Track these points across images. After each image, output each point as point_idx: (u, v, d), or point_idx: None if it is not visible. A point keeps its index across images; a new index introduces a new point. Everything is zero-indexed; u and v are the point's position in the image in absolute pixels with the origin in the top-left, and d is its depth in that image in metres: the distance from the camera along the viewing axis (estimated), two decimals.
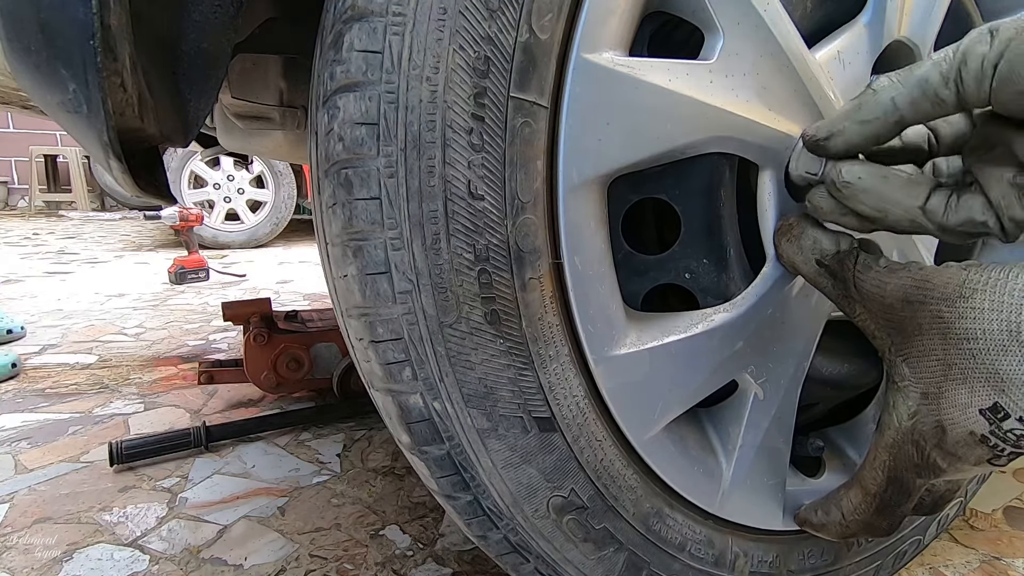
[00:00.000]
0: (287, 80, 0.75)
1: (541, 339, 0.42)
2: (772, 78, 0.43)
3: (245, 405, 1.24)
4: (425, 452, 0.43)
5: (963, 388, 0.34)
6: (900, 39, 0.49)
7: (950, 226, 0.35)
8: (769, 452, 0.51)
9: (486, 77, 0.37)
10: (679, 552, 0.51)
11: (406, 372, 0.41)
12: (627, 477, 0.47)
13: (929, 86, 0.33)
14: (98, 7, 0.34)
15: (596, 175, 0.40)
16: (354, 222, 0.38)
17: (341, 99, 0.37)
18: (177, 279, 2.56)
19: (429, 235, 0.38)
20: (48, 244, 3.74)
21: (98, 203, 6.09)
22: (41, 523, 0.81)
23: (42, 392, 1.29)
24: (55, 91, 0.37)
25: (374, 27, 0.36)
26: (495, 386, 0.41)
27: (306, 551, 0.75)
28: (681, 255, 0.47)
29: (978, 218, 0.33)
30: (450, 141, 0.37)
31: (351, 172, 0.37)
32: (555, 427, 0.43)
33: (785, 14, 0.42)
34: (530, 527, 0.45)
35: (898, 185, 0.36)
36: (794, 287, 0.47)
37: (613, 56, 0.39)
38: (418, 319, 0.39)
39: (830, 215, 0.40)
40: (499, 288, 0.40)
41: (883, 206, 0.37)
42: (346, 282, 0.40)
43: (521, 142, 0.38)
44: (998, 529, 0.83)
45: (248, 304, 1.27)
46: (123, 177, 0.42)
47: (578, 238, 0.41)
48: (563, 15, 0.38)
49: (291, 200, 3.93)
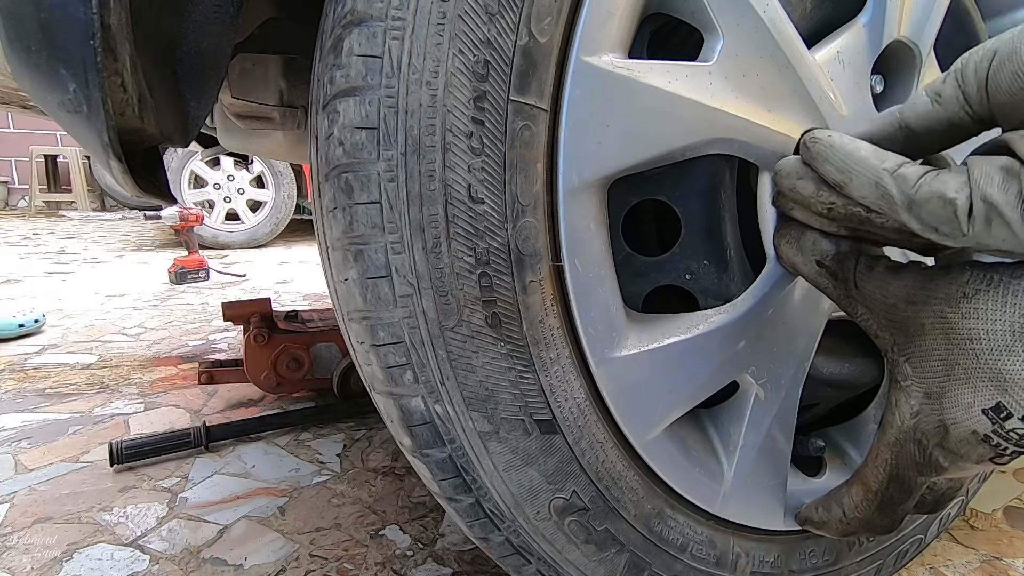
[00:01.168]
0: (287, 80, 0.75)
1: (542, 342, 0.42)
2: (772, 79, 0.43)
3: (245, 405, 1.24)
4: (427, 455, 0.43)
5: (966, 388, 0.34)
6: (900, 39, 0.49)
7: (918, 199, 0.32)
8: (770, 452, 0.51)
9: (486, 81, 0.37)
10: (681, 553, 0.51)
11: (407, 375, 0.41)
12: (628, 479, 0.47)
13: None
14: (98, 7, 0.34)
15: (596, 177, 0.40)
16: (355, 226, 0.38)
17: (341, 103, 0.37)
18: (177, 279, 2.56)
19: (429, 239, 0.38)
20: (48, 244, 3.74)
21: (98, 203, 6.09)
22: (41, 523, 0.81)
23: (42, 392, 1.29)
24: (55, 91, 0.37)
25: (374, 31, 0.36)
26: (496, 389, 0.41)
27: (306, 551, 0.75)
28: (681, 256, 0.47)
29: (949, 194, 0.30)
30: (450, 145, 0.37)
31: (351, 176, 0.37)
32: (556, 429, 0.43)
33: (784, 15, 0.42)
34: (532, 529, 0.45)
35: (869, 149, 0.35)
36: (795, 288, 0.47)
37: (612, 59, 0.39)
38: (419, 323, 0.39)
39: (788, 177, 0.39)
40: (500, 291, 0.40)
41: (848, 166, 0.35)
42: (347, 286, 0.40)
43: (521, 145, 0.38)
44: (998, 529, 0.83)
45: (248, 304, 1.27)
46: (123, 177, 0.42)
47: (578, 240, 0.41)
48: (562, 18, 0.38)
49: (291, 200, 3.93)
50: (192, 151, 3.52)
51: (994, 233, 0.29)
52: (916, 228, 0.32)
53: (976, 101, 0.31)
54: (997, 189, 0.29)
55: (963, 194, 0.30)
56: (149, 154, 0.48)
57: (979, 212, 0.29)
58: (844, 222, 0.38)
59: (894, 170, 0.33)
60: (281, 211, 3.92)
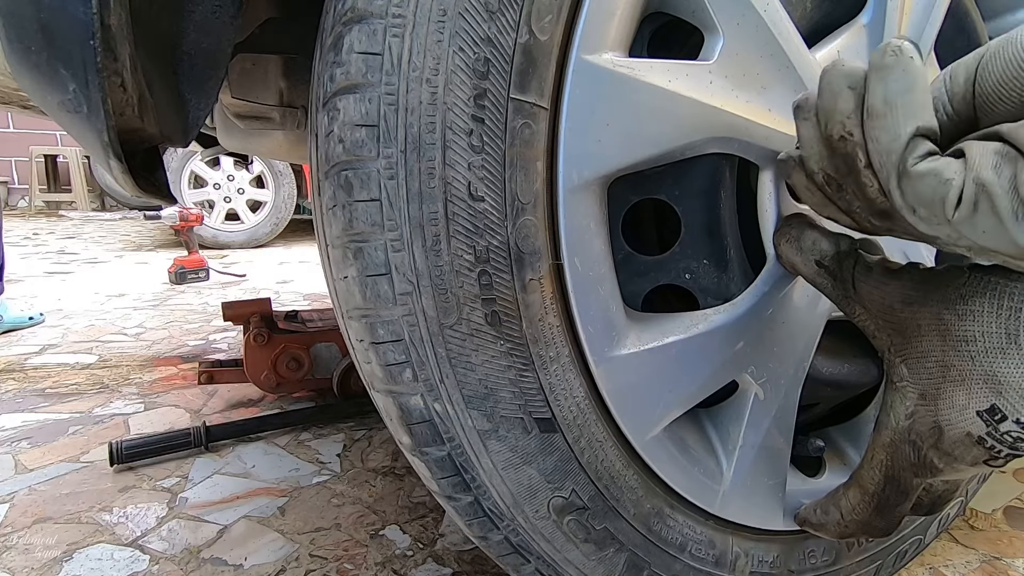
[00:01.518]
0: (287, 80, 0.75)
1: (542, 340, 0.42)
2: (772, 78, 0.43)
3: (245, 405, 1.24)
4: (426, 453, 0.43)
5: (961, 390, 0.34)
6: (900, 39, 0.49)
7: (914, 171, 0.30)
8: (769, 452, 0.51)
9: (486, 79, 0.37)
10: (680, 552, 0.51)
11: (407, 373, 0.41)
12: (628, 478, 0.47)
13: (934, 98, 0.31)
14: (98, 7, 0.34)
15: (596, 176, 0.40)
16: (354, 224, 0.38)
17: (341, 101, 0.37)
18: (177, 279, 2.56)
19: (429, 237, 0.38)
20: (48, 244, 3.74)
21: (98, 203, 6.09)
22: (41, 523, 0.81)
23: (42, 392, 1.29)
24: (55, 91, 0.37)
25: (374, 29, 0.36)
26: (496, 387, 0.41)
27: (306, 551, 0.75)
28: (681, 256, 0.47)
29: (946, 175, 0.29)
30: (450, 143, 0.37)
31: (351, 174, 0.37)
32: (556, 428, 0.43)
33: (785, 14, 0.42)
34: (531, 528, 0.45)
35: (928, 102, 0.31)
36: (794, 288, 0.47)
37: (613, 57, 0.39)
38: (418, 321, 0.39)
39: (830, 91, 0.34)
40: (499, 289, 0.40)
41: (898, 100, 0.30)
42: (346, 284, 0.40)
43: (521, 143, 0.38)
44: (998, 529, 0.83)
45: (248, 304, 1.27)
46: (123, 177, 0.42)
47: (578, 239, 0.41)
48: (563, 16, 0.38)
49: (291, 200, 3.93)
50: (192, 151, 3.52)
51: (978, 222, 0.28)
52: (897, 201, 0.31)
53: (959, 97, 0.31)
54: (991, 171, 0.27)
55: (959, 178, 0.28)
56: (149, 154, 0.48)
57: (968, 196, 0.28)
58: (831, 163, 0.35)
59: (914, 133, 0.30)
60: (281, 211, 3.92)
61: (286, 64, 0.73)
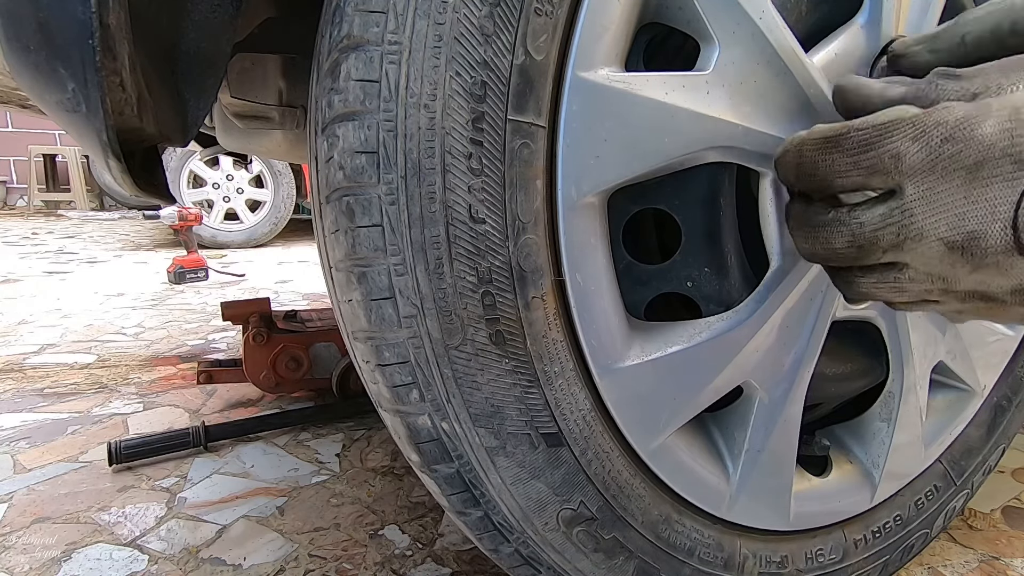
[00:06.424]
0: (287, 79, 0.75)
1: (546, 356, 0.42)
2: (770, 84, 0.42)
3: (244, 405, 1.24)
4: (435, 471, 0.43)
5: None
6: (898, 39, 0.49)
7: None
8: (775, 454, 0.52)
9: (483, 102, 0.37)
10: (689, 557, 0.51)
11: (413, 394, 0.41)
12: (635, 486, 0.47)
13: (1000, 30, 0.35)
14: (97, 6, 0.34)
15: (595, 191, 0.40)
16: (357, 249, 0.38)
17: (340, 128, 0.37)
18: (176, 279, 2.56)
19: (432, 260, 0.38)
20: (47, 243, 3.74)
21: (97, 202, 6.08)
22: (40, 523, 0.81)
23: (41, 392, 1.29)
24: (54, 90, 0.36)
25: (370, 56, 0.35)
26: (502, 405, 0.42)
27: (305, 551, 0.75)
28: (683, 264, 0.47)
29: (954, 92, 0.34)
30: (450, 167, 0.37)
31: (352, 200, 0.37)
32: (562, 442, 0.44)
33: (780, 20, 0.42)
34: (541, 540, 0.46)
35: None
36: (798, 291, 0.47)
37: (608, 73, 0.39)
38: (424, 342, 0.39)
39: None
40: (503, 308, 0.40)
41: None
42: (351, 307, 0.40)
43: (520, 163, 0.38)
44: (997, 529, 0.83)
45: (247, 304, 1.27)
46: (122, 176, 0.42)
47: (579, 254, 0.41)
48: (558, 35, 0.38)
49: (290, 200, 3.92)
50: (191, 150, 3.51)
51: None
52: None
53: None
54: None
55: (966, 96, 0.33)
56: (148, 153, 0.48)
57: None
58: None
59: (893, 97, 0.36)
60: (280, 211, 3.91)
61: (285, 64, 0.73)
